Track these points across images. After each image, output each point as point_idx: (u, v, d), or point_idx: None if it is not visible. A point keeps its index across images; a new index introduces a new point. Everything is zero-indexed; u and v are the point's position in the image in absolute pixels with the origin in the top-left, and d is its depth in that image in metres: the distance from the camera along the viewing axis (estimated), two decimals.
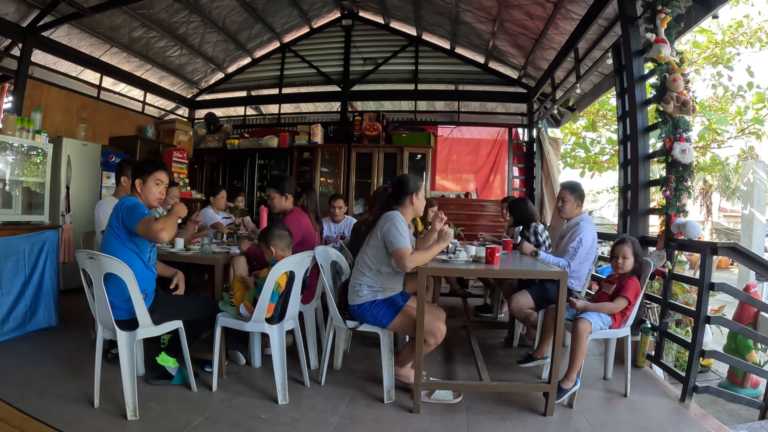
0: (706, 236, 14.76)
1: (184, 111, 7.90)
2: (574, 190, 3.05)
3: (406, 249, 2.28)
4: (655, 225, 4.15)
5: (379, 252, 2.39)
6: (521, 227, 3.52)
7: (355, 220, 4.44)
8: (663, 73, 2.92)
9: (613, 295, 2.57)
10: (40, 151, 4.23)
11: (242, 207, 5.01)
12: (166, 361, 2.46)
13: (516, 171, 7.09)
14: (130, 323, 2.17)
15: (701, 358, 2.65)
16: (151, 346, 2.60)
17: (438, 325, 2.33)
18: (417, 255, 2.31)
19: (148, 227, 2.15)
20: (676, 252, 3.08)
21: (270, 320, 2.38)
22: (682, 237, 2.85)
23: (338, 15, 7.12)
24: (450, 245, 2.88)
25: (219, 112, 7.85)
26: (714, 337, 4.64)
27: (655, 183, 3.28)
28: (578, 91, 5.37)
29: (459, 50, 6.92)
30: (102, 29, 5.45)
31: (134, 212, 2.20)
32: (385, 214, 2.43)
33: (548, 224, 5.32)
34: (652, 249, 3.19)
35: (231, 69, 7.61)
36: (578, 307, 2.55)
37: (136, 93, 6.76)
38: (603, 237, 7.47)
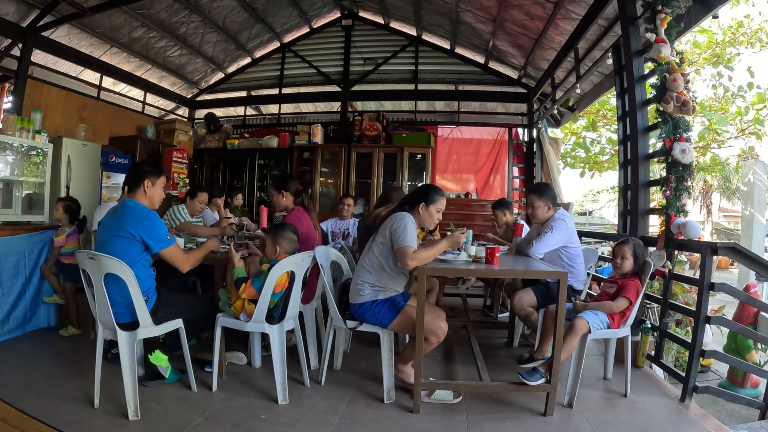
0: (706, 236, 14.76)
1: (184, 111, 7.91)
2: (542, 193, 2.97)
3: (411, 247, 2.29)
4: (655, 225, 4.15)
5: (385, 250, 2.39)
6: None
7: (358, 221, 4.46)
8: (663, 73, 2.92)
9: (614, 296, 2.58)
10: (40, 151, 4.23)
11: (241, 206, 5.02)
12: (159, 360, 2.43)
13: (516, 171, 7.09)
14: (131, 324, 2.17)
15: (701, 358, 2.65)
16: (144, 343, 2.60)
17: (439, 324, 2.33)
18: (420, 252, 2.31)
19: (176, 257, 2.33)
20: (676, 252, 3.09)
21: (270, 320, 2.38)
22: (682, 237, 2.85)
23: (338, 15, 7.12)
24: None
25: (219, 112, 7.85)
26: (714, 337, 4.64)
27: (655, 183, 3.28)
28: (578, 91, 5.36)
29: (459, 50, 6.92)
30: (102, 29, 5.46)
31: (158, 233, 2.26)
32: (396, 214, 2.43)
33: None
34: (652, 249, 3.19)
35: (231, 69, 7.61)
36: (577, 306, 2.55)
37: (136, 93, 6.76)
38: (603, 237, 7.52)
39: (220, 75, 7.63)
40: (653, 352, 3.10)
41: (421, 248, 2.37)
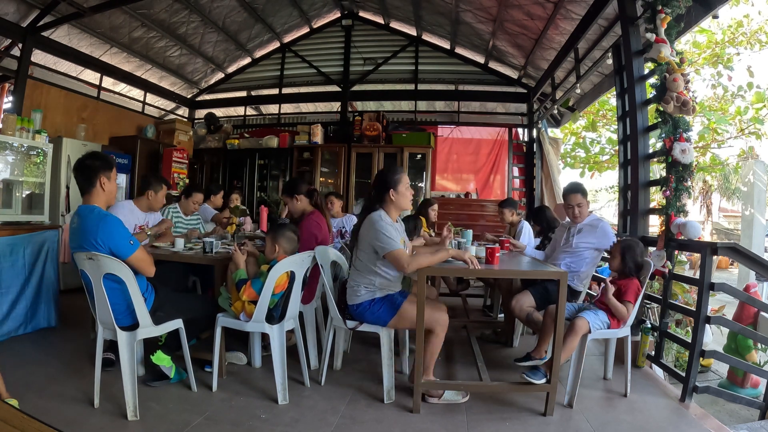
0: (706, 236, 14.75)
1: (184, 111, 7.91)
2: (585, 193, 3.06)
3: (400, 250, 2.22)
4: (655, 225, 4.14)
5: (370, 255, 2.35)
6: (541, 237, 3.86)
7: (354, 217, 4.52)
8: (663, 73, 2.92)
9: (615, 297, 2.58)
10: (40, 151, 4.23)
11: (241, 206, 5.02)
12: (161, 360, 2.43)
13: (516, 171, 7.09)
14: (131, 326, 2.17)
15: (701, 358, 2.65)
16: (145, 344, 2.60)
17: (440, 314, 2.34)
18: (419, 257, 2.26)
19: (141, 261, 2.13)
20: (676, 252, 3.09)
21: (270, 320, 2.37)
22: (682, 237, 2.85)
23: (338, 15, 7.13)
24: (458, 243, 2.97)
25: (219, 112, 7.85)
26: (714, 337, 4.64)
27: (655, 183, 3.28)
28: (578, 91, 5.37)
29: (459, 50, 6.92)
30: (102, 29, 5.46)
31: (122, 238, 2.07)
32: (368, 218, 2.34)
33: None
34: (652, 249, 3.19)
35: (231, 69, 7.61)
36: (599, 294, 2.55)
37: (136, 93, 6.76)
38: None
39: (220, 75, 7.63)
40: (653, 352, 3.10)
41: (420, 253, 2.35)
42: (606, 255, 3.11)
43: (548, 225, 3.88)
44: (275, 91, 7.59)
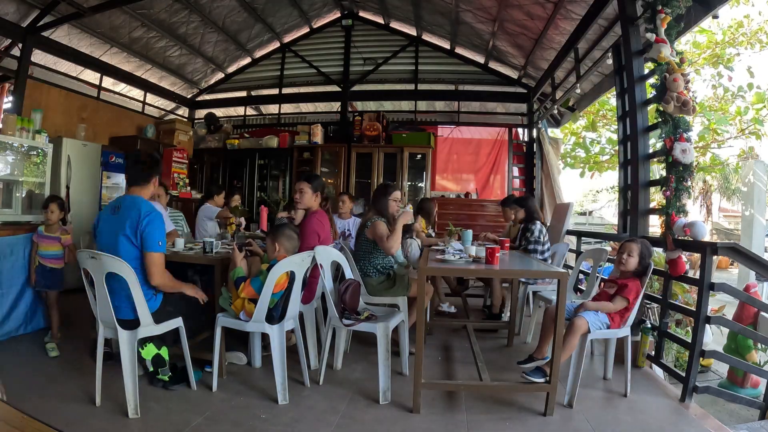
0: (705, 236, 14.72)
1: (184, 111, 7.91)
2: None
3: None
4: (655, 225, 4.14)
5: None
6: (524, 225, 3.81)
7: (359, 220, 4.50)
8: (663, 73, 2.92)
9: (614, 296, 2.58)
10: (40, 151, 4.24)
11: (240, 206, 5.02)
12: (149, 354, 2.38)
13: (516, 171, 7.09)
14: (132, 323, 2.17)
15: (701, 358, 2.65)
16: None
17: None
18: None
19: (156, 265, 2.19)
20: None
21: (270, 320, 2.38)
22: (689, 236, 2.82)
23: (338, 15, 7.13)
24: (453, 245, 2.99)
25: (219, 112, 7.85)
26: (714, 337, 4.64)
27: (655, 183, 3.28)
28: (578, 91, 5.37)
29: (459, 50, 6.92)
30: (102, 29, 5.46)
31: (156, 236, 2.18)
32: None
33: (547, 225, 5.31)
34: (659, 250, 3.18)
35: (231, 69, 7.61)
36: (587, 305, 2.54)
37: (136, 93, 6.76)
38: (603, 237, 7.53)
39: (220, 75, 7.63)
40: (653, 352, 3.09)
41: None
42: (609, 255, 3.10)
43: (529, 214, 3.87)
44: (275, 91, 7.59)
